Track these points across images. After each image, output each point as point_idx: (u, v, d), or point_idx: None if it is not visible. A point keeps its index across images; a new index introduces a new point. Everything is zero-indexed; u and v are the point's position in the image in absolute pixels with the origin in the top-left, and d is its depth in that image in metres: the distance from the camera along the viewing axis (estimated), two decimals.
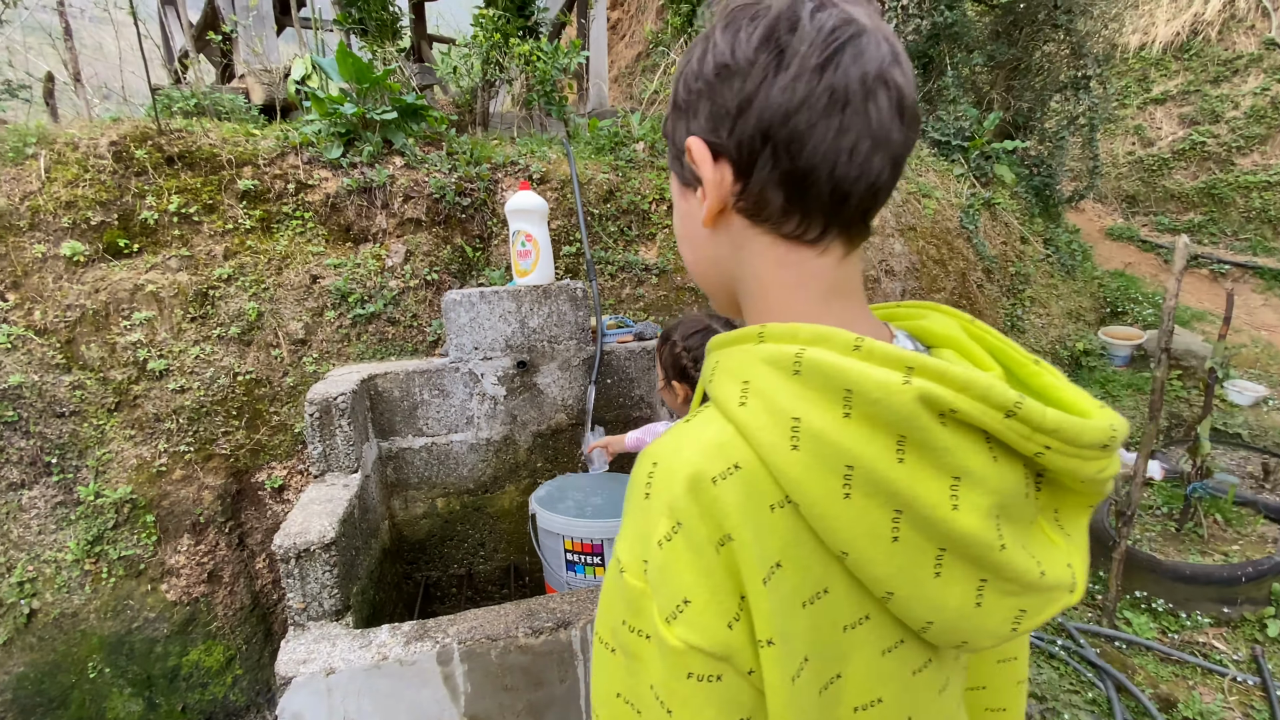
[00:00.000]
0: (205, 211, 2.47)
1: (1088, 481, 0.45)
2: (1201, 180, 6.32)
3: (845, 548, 0.43)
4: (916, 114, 0.47)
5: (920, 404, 0.41)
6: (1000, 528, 0.44)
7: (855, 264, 0.51)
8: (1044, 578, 0.45)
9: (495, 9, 3.10)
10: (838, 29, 0.43)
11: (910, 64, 0.46)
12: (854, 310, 0.50)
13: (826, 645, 0.45)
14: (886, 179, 0.46)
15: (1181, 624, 2.61)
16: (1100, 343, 4.21)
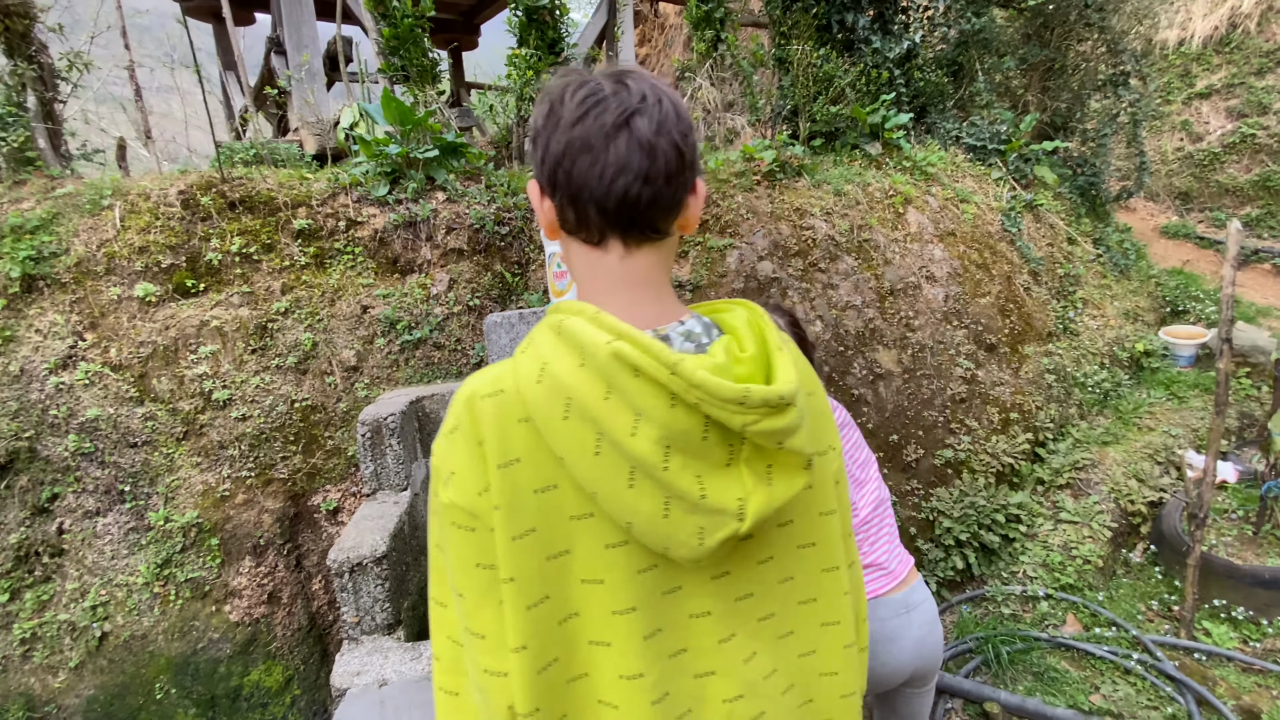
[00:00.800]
0: (264, 250, 2.63)
1: (757, 435, 0.60)
2: (1255, 173, 6.05)
3: (563, 455, 0.61)
4: (666, 145, 0.62)
5: (614, 358, 0.59)
6: (669, 456, 0.60)
7: (642, 260, 0.67)
8: (704, 500, 0.60)
9: (528, 48, 3.24)
10: (586, 99, 0.63)
11: (670, 109, 0.63)
12: (640, 295, 0.68)
13: (554, 526, 0.63)
14: (637, 192, 0.62)
15: (1264, 632, 2.43)
16: (1162, 343, 4.03)
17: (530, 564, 0.63)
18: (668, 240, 0.68)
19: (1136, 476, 3.01)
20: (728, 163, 3.37)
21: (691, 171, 0.66)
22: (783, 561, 0.71)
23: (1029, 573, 2.71)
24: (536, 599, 0.63)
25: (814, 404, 0.72)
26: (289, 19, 4.16)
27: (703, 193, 0.70)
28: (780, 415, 0.60)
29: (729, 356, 0.64)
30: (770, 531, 0.70)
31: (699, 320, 0.70)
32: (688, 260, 3.10)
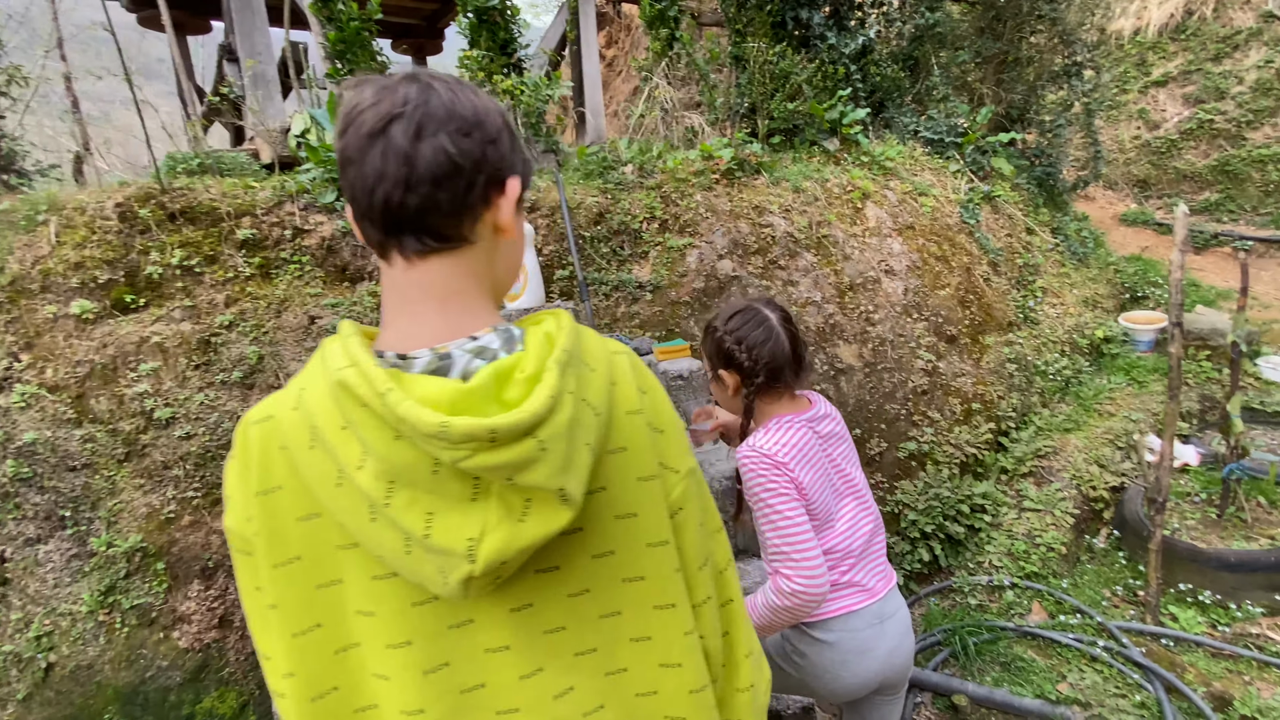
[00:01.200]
0: (207, 262, 2.55)
1: (476, 470, 0.55)
2: (1214, 158, 6.18)
3: (311, 484, 0.60)
4: (430, 148, 0.59)
5: (339, 387, 0.56)
6: (392, 492, 0.56)
7: (429, 271, 0.63)
8: (428, 540, 0.56)
9: (479, 49, 3.20)
10: (350, 110, 0.61)
11: (440, 109, 0.60)
12: (424, 310, 0.64)
13: (321, 555, 0.62)
14: (400, 200, 0.60)
15: (1232, 615, 2.45)
16: (1121, 329, 4.08)
17: (295, 592, 0.62)
18: (468, 249, 0.64)
19: (1098, 462, 3.04)
20: (686, 161, 3.35)
21: (481, 172, 0.61)
22: (602, 595, 0.66)
23: (994, 562, 2.72)
24: (304, 627, 0.62)
25: (627, 428, 0.65)
26: (240, 26, 4.08)
27: (514, 192, 0.64)
28: (501, 449, 0.54)
29: (497, 379, 0.59)
30: (583, 562, 0.65)
31: (502, 334, 0.64)
32: (648, 260, 3.08)
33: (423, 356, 0.62)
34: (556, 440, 0.57)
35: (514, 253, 0.71)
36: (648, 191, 3.18)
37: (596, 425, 0.61)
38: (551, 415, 0.56)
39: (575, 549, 0.64)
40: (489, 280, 0.68)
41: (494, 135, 0.62)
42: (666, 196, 3.19)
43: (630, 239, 3.08)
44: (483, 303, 0.66)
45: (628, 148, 3.38)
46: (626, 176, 3.22)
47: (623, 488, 0.66)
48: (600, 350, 0.66)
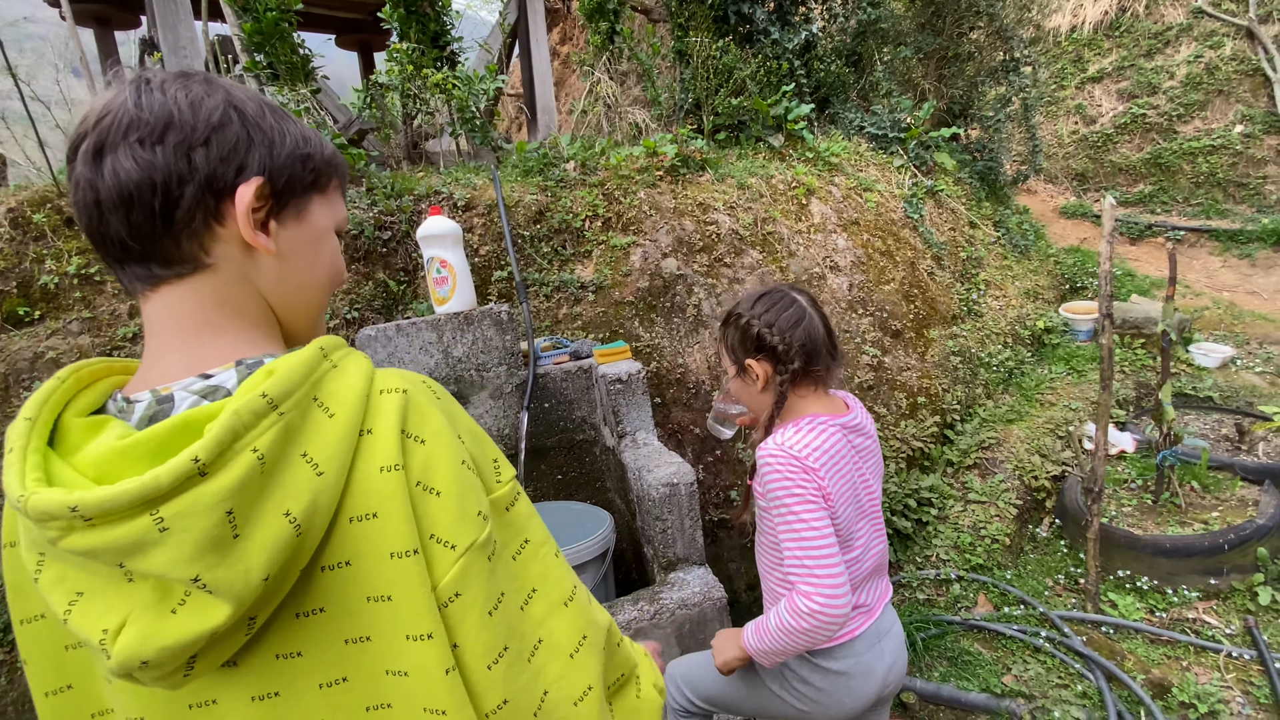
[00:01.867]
0: (107, 270, 2.37)
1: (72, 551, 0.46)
2: (1147, 151, 6.39)
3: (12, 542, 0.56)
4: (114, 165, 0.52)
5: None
6: (42, 565, 0.50)
7: (165, 301, 0.55)
8: (68, 624, 0.48)
9: (409, 42, 3.06)
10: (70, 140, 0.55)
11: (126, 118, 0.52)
12: (162, 345, 0.56)
13: (52, 655, 0.58)
14: (99, 227, 0.53)
15: (1169, 601, 2.50)
16: (1062, 319, 4.16)
17: (43, 650, 0.58)
18: (207, 272, 0.55)
19: (1039, 452, 3.08)
20: (630, 158, 3.28)
21: (189, 183, 0.52)
22: (365, 687, 0.55)
23: (941, 556, 2.72)
24: (55, 687, 0.59)
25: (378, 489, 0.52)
26: (163, 19, 3.84)
27: (244, 200, 0.54)
28: (100, 529, 0.44)
29: (182, 430, 0.48)
30: (335, 649, 0.54)
31: (248, 370, 0.54)
32: (590, 260, 2.99)
33: (142, 400, 0.53)
34: (192, 516, 0.45)
35: (292, 271, 0.59)
36: (590, 189, 3.10)
37: (315, 488, 0.49)
38: (193, 484, 0.45)
39: (319, 633, 0.53)
40: (253, 307, 0.58)
41: (203, 136, 0.53)
42: (609, 194, 3.11)
43: (572, 238, 2.99)
44: (243, 334, 0.57)
45: (569, 144, 3.29)
46: (568, 173, 3.13)
47: (374, 564, 0.52)
48: (354, 389, 0.53)
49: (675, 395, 2.81)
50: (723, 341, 1.33)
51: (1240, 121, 6.09)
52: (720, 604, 1.74)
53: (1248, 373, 3.86)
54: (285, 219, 0.58)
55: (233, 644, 0.50)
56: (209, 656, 0.49)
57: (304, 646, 0.53)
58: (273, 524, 0.48)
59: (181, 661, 0.47)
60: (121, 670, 0.46)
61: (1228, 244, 5.53)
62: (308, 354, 0.52)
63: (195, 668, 0.49)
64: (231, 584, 0.46)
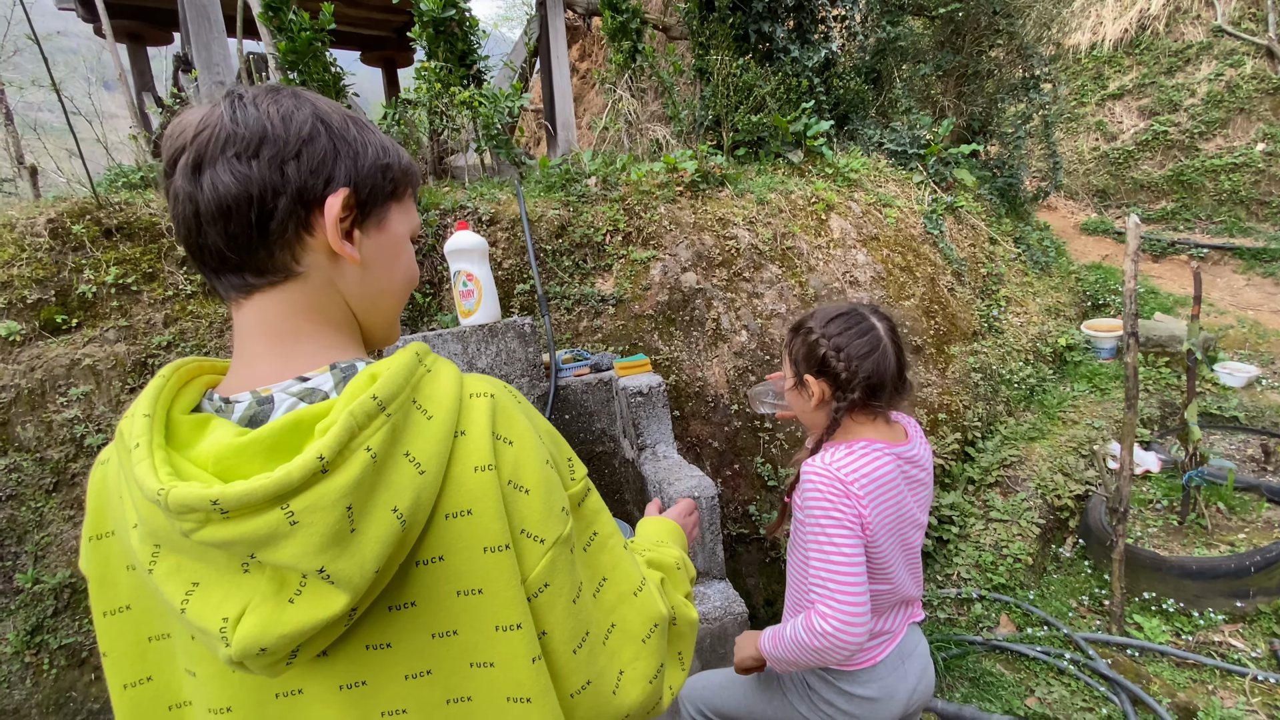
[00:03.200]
0: (145, 280, 2.44)
1: (206, 543, 0.48)
2: (1169, 169, 6.34)
3: (118, 533, 0.58)
4: (214, 177, 0.54)
5: (119, 437, 0.54)
6: (157, 557, 0.52)
7: (258, 309, 0.58)
8: (184, 614, 0.50)
9: (436, 60, 3.14)
10: (166, 147, 0.57)
11: (221, 133, 0.54)
12: (255, 350, 0.59)
13: (150, 607, 0.59)
14: (198, 238, 0.56)
15: (1195, 624, 2.46)
16: (1084, 337, 4.13)
17: (125, 642, 0.60)
18: (297, 281, 0.57)
19: (1062, 471, 3.05)
20: (650, 174, 3.32)
21: (282, 195, 0.54)
22: (448, 679, 0.57)
23: (963, 574, 2.70)
24: (135, 679, 0.60)
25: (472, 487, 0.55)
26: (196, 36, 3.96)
27: (332, 210, 0.56)
28: (234, 522, 0.47)
29: (294, 430, 0.51)
30: (421, 642, 0.56)
31: (343, 373, 0.57)
32: (611, 274, 3.03)
33: (242, 401, 0.56)
34: (319, 511, 0.47)
35: (374, 279, 0.62)
36: (611, 204, 3.14)
37: (417, 486, 0.52)
38: (318, 480, 0.47)
39: (409, 626, 0.55)
40: (337, 313, 0.60)
41: (295, 149, 0.55)
42: (630, 209, 3.15)
43: (593, 252, 3.03)
44: (330, 339, 0.60)
45: (591, 160, 3.34)
46: (589, 189, 3.17)
47: (467, 559, 0.55)
48: (449, 393, 0.56)
49: (694, 409, 2.82)
50: (788, 347, 1.29)
51: (1262, 140, 6.03)
52: (741, 619, 1.74)
53: (1273, 393, 3.80)
54: (368, 228, 0.60)
55: (334, 634, 0.52)
56: (312, 646, 0.51)
57: (394, 638, 0.55)
58: (383, 519, 0.50)
59: (292, 649, 0.50)
60: (241, 657, 0.48)
61: (1251, 262, 5.46)
62: (406, 359, 0.55)
63: (298, 656, 0.51)
64: (350, 576, 0.49)
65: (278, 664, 0.50)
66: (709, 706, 1.44)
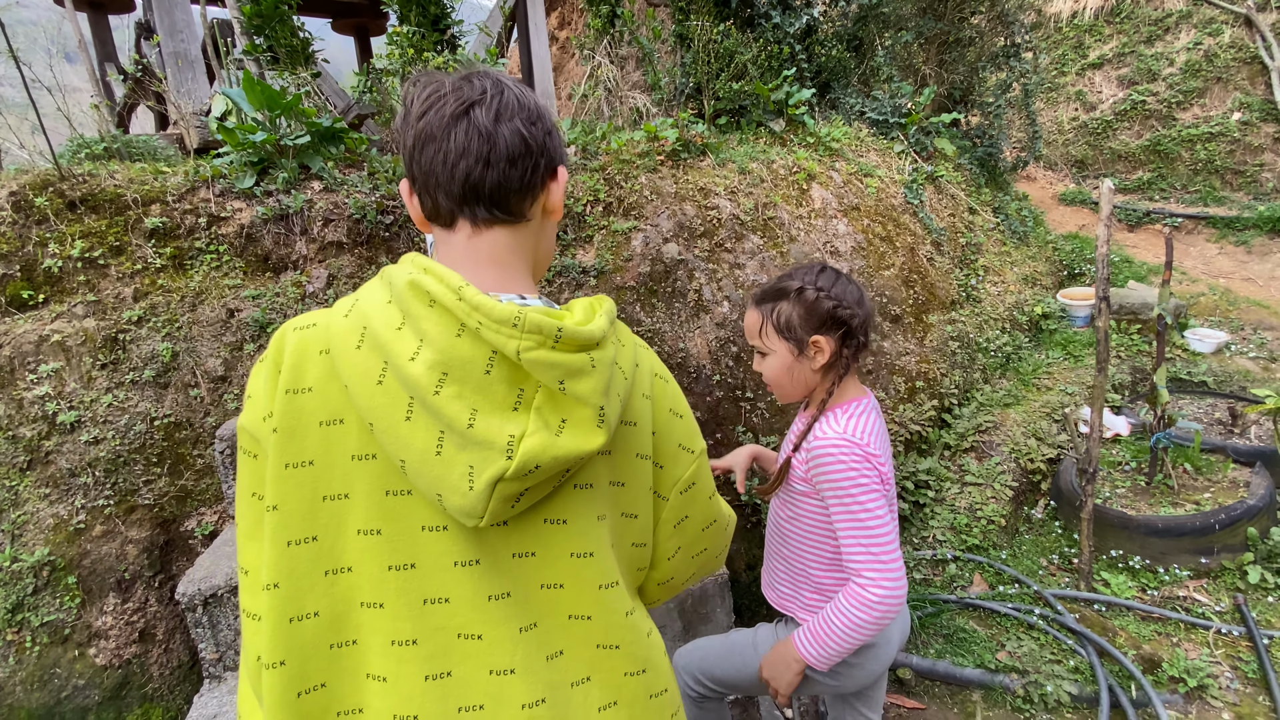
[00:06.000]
0: (112, 254, 2.38)
1: (532, 364, 0.59)
2: (1146, 139, 6.39)
3: (349, 383, 0.62)
4: (508, 130, 0.67)
5: (411, 288, 0.61)
6: (443, 384, 0.59)
7: (490, 240, 0.70)
8: (471, 430, 0.59)
9: (409, 25, 3.05)
10: (429, 96, 0.68)
11: (513, 99, 0.68)
12: (483, 269, 0.70)
13: (334, 465, 0.64)
14: (480, 175, 0.66)
15: (1160, 580, 2.55)
16: (1059, 305, 4.19)
17: (299, 496, 0.63)
18: (524, 225, 0.71)
19: (1035, 435, 3.12)
20: (631, 143, 3.28)
21: (544, 157, 0.69)
22: (604, 562, 0.70)
23: (938, 537, 2.77)
24: (300, 536, 0.63)
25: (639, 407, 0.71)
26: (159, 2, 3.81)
27: (563, 179, 0.73)
28: (561, 352, 0.59)
29: (550, 317, 0.62)
30: (589, 522, 0.68)
31: (545, 301, 0.71)
32: (592, 244, 3.00)
33: (509, 295, 0.68)
34: (604, 366, 0.62)
35: (553, 235, 0.78)
36: (591, 174, 3.10)
37: (624, 385, 0.66)
38: (601, 347, 0.62)
39: (583, 506, 0.67)
40: (534, 257, 0.74)
41: (550, 127, 0.70)
42: (610, 179, 3.11)
43: (573, 223, 3.00)
44: (528, 275, 0.74)
45: (570, 129, 3.29)
46: (569, 158, 3.13)
47: (625, 459, 0.71)
48: (629, 335, 0.73)
49: (677, 380, 2.83)
50: (770, 319, 1.23)
51: (1238, 109, 6.09)
52: (722, 580, 1.78)
53: (1241, 358, 3.90)
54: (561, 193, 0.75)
55: (548, 488, 0.64)
56: (530, 496, 0.62)
57: (569, 514, 0.66)
58: (615, 399, 0.64)
59: (557, 473, 0.62)
60: (521, 470, 0.59)
61: (1224, 231, 5.55)
62: (608, 301, 0.69)
63: (520, 502, 0.61)
64: (611, 420, 0.63)
65: (523, 495, 0.61)
66: (708, 676, 1.42)
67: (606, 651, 0.69)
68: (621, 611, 0.70)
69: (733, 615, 1.81)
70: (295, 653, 0.61)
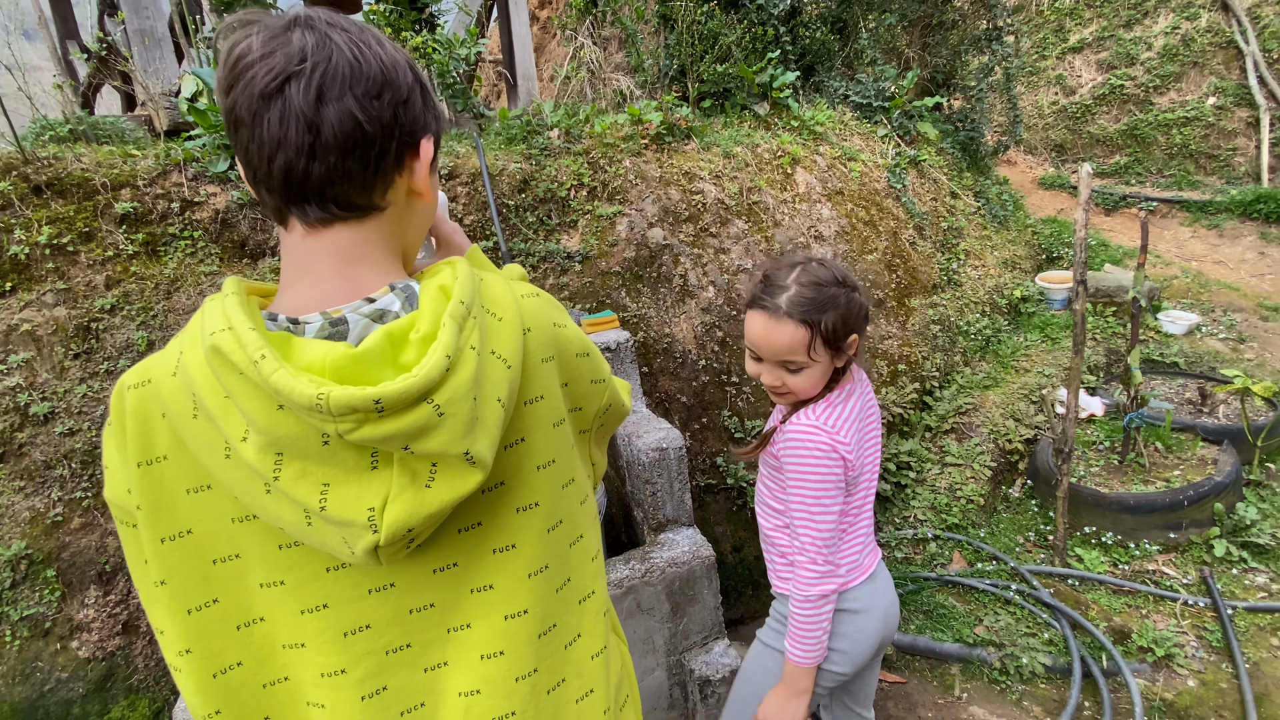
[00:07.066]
0: (82, 240, 2.31)
1: (364, 442, 0.51)
2: (1124, 123, 6.47)
3: (199, 456, 0.57)
4: (336, 113, 0.54)
5: (213, 353, 0.52)
6: (280, 463, 0.53)
7: (333, 239, 0.59)
8: (324, 512, 0.53)
9: (385, 3, 2.97)
10: (235, 61, 0.54)
11: (343, 67, 0.54)
12: (324, 273, 0.60)
13: (216, 530, 0.59)
14: (304, 169, 0.55)
15: (1131, 554, 2.63)
16: (1038, 289, 4.26)
17: (188, 567, 0.60)
18: (377, 215, 0.60)
19: (1014, 417, 3.18)
20: (614, 126, 3.24)
21: (394, 137, 0.57)
22: (530, 550, 0.65)
23: (919, 516, 2.82)
24: (199, 603, 0.60)
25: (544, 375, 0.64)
26: None
27: (427, 154, 0.61)
28: (391, 419, 0.50)
29: (391, 342, 0.54)
30: (508, 518, 0.63)
31: (403, 293, 0.60)
32: (576, 230, 2.98)
33: (314, 321, 0.58)
34: (457, 403, 0.53)
35: (428, 215, 0.68)
36: (575, 157, 3.07)
37: (509, 378, 0.58)
38: (449, 376, 0.52)
39: (499, 504, 0.63)
40: (397, 243, 0.64)
41: (405, 94, 0.58)
42: (594, 162, 3.09)
43: (557, 207, 2.98)
44: (388, 264, 0.62)
45: (553, 111, 3.25)
46: (552, 141, 3.09)
47: (542, 436, 0.64)
48: (507, 297, 0.62)
49: (663, 365, 2.84)
50: (821, 331, 1.14)
51: (1213, 94, 6.18)
52: (708, 562, 1.80)
53: (1212, 339, 4.00)
54: (431, 171, 0.64)
55: (441, 517, 0.58)
56: (427, 529, 0.57)
57: (484, 517, 0.62)
58: (493, 408, 0.56)
59: (434, 527, 0.56)
60: (391, 539, 0.53)
61: (1197, 215, 5.66)
62: (465, 270, 0.59)
63: (415, 541, 0.57)
64: (484, 456, 0.55)
65: (403, 549, 0.56)
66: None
67: (548, 639, 0.66)
68: (560, 594, 0.68)
69: (719, 596, 1.83)
70: (229, 700, 0.62)
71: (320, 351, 0.53)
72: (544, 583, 0.65)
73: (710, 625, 1.85)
